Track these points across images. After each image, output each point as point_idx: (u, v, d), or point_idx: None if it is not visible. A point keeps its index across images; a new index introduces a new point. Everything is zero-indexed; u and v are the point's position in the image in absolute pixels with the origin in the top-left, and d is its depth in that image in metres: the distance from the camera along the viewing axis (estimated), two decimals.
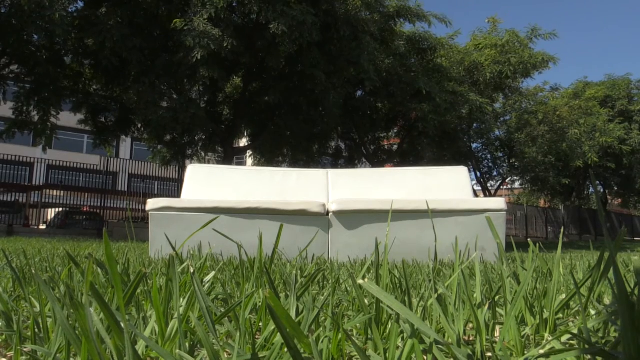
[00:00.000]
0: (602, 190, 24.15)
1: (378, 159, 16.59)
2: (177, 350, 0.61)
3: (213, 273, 1.07)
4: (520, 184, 21.94)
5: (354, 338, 0.75)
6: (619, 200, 26.89)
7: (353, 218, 3.55)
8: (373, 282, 0.62)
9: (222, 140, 12.95)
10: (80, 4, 11.02)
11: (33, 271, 1.09)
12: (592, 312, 0.86)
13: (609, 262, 0.68)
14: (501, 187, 21.21)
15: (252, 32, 10.55)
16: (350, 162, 17.19)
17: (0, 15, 9.68)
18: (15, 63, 11.48)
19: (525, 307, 0.80)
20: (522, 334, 0.74)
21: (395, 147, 17.31)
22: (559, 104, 18.56)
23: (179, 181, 16.71)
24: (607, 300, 0.98)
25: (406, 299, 0.79)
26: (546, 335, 0.75)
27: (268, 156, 15.43)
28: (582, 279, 0.87)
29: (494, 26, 16.17)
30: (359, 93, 14.36)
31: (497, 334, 0.79)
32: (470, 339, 0.79)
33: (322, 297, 0.90)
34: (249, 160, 16.86)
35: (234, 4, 10.23)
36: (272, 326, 0.66)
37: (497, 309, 0.87)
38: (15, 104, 12.08)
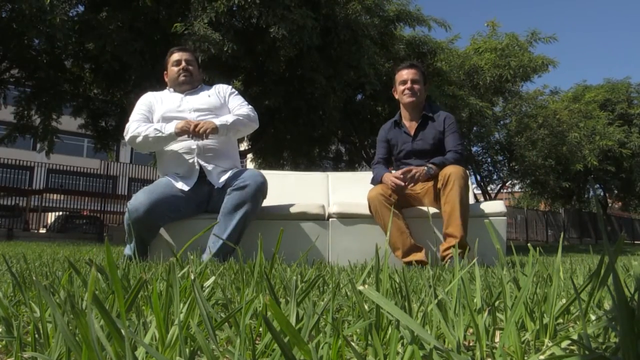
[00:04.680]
0: (602, 194, 24.12)
1: None
2: (177, 358, 0.61)
3: (213, 278, 1.07)
4: (520, 188, 21.93)
5: (353, 344, 0.75)
6: (620, 203, 26.86)
7: (353, 222, 3.55)
8: (373, 288, 0.62)
9: None
10: (81, 8, 11.05)
11: (33, 276, 1.09)
12: (592, 317, 0.86)
13: (608, 267, 0.69)
14: (501, 190, 21.20)
15: (252, 36, 10.56)
16: (351, 165, 17.18)
17: (1, 20, 9.70)
18: (16, 67, 11.50)
19: (525, 312, 0.80)
20: (522, 339, 0.74)
21: None
22: (559, 107, 18.56)
23: None
24: (607, 305, 0.98)
25: (406, 304, 0.79)
26: (546, 340, 0.75)
27: (268, 160, 15.42)
28: (582, 283, 0.87)
29: (494, 30, 16.17)
30: (359, 96, 14.36)
31: (497, 339, 0.79)
32: (470, 344, 0.79)
33: (322, 303, 0.90)
34: (250, 164, 16.87)
35: (234, 8, 10.24)
36: None
37: (497, 314, 0.87)
38: (16, 108, 12.10)
